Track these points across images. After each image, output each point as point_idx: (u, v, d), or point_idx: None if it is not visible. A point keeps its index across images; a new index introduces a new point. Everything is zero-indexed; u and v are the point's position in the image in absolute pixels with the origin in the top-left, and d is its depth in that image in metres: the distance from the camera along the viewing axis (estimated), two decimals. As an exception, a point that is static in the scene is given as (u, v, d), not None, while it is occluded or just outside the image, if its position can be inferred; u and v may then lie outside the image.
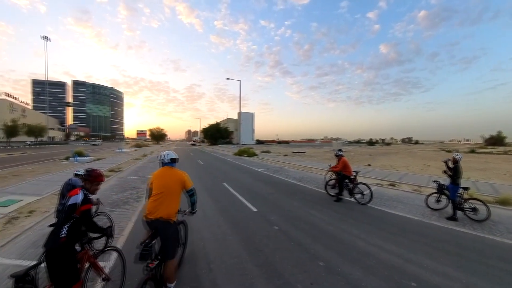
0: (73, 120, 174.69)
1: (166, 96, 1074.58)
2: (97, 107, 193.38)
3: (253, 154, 29.20)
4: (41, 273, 2.74)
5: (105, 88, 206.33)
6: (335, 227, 5.59)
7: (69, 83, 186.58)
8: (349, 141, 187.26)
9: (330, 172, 9.03)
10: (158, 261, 2.88)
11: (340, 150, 8.78)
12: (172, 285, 3.07)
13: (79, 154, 21.04)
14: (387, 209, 7.09)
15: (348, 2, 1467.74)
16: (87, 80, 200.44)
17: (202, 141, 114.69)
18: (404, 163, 21.57)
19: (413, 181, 11.71)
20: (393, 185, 10.65)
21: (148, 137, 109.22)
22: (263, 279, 3.48)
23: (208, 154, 34.10)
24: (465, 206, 6.28)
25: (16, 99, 79.38)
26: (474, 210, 6.07)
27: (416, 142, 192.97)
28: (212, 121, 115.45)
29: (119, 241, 4.74)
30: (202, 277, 3.53)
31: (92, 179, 2.85)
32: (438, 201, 7.08)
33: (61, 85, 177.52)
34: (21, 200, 7.50)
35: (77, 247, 2.66)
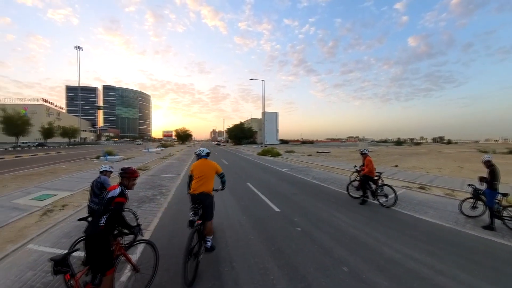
0: (104, 122, 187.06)
1: (191, 98, 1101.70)
2: (126, 109, 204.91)
3: (277, 154, 29.09)
4: (73, 260, 3.12)
5: (133, 91, 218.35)
6: (360, 231, 5.37)
7: (100, 88, 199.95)
8: (376, 141, 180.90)
9: (355, 173, 8.74)
10: (201, 221, 4.01)
11: (366, 149, 8.47)
12: (210, 237, 4.29)
13: (109, 153, 22.17)
14: (416, 214, 6.67)
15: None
16: (117, 85, 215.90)
17: (227, 141, 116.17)
18: (435, 165, 20.39)
19: (445, 184, 11.01)
20: (422, 188, 10.10)
21: (174, 137, 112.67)
22: (285, 280, 3.43)
23: (232, 153, 34.48)
24: (504, 214, 5.63)
25: (52, 104, 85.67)
26: None
27: (449, 142, 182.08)
28: (236, 121, 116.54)
29: (145, 236, 4.92)
30: (224, 275, 3.55)
31: (129, 175, 3.13)
32: (473, 207, 6.42)
33: (93, 90, 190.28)
34: (55, 195, 8.14)
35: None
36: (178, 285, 3.30)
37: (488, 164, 5.96)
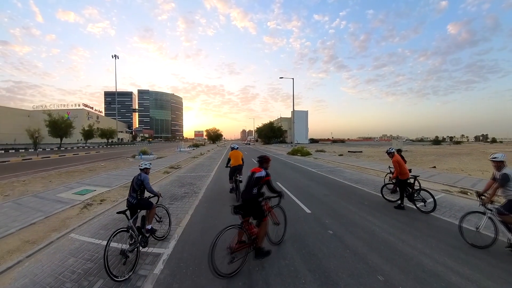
0: (139, 124, 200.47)
1: (221, 99, 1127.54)
2: (159, 111, 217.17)
3: (307, 154, 28.57)
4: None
5: (166, 94, 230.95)
6: (397, 238, 5.05)
7: (135, 92, 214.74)
8: (411, 140, 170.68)
9: (389, 175, 8.30)
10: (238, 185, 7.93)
11: (391, 147, 7.92)
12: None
13: (144, 152, 23.38)
14: (458, 221, 6.09)
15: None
16: (151, 89, 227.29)
17: (256, 141, 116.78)
18: (478, 166, 18.69)
19: (492, 189, 10.07)
20: (465, 193, 9.29)
21: (204, 137, 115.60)
22: (316, 285, 3.34)
23: (262, 153, 34.47)
24: None
25: (91, 108, 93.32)
26: None
27: (493, 141, 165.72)
28: (266, 120, 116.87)
29: (177, 232, 5.14)
30: (254, 274, 3.57)
31: (265, 161, 4.54)
32: None
33: (128, 94, 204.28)
34: (94, 190, 8.81)
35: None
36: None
37: None
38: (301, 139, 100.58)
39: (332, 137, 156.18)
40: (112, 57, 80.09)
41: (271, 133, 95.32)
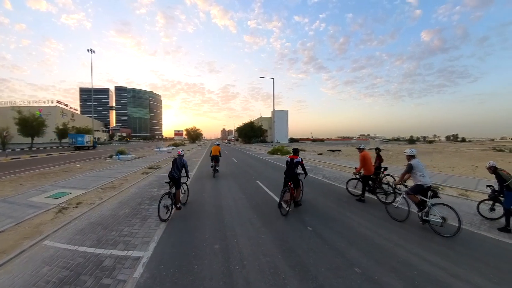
0: (116, 122, 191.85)
1: (201, 97, 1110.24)
2: (137, 110, 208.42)
3: (287, 153, 28.59)
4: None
5: (144, 92, 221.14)
6: (373, 231, 5.28)
7: (112, 89, 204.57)
8: (388, 139, 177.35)
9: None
10: (216, 167, 12.73)
11: (361, 145, 8.39)
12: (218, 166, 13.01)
13: (121, 152, 22.60)
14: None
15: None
16: (128, 86, 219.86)
17: (237, 140, 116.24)
18: (448, 164, 19.82)
19: (459, 184, 10.69)
20: (436, 188, 9.82)
21: (184, 136, 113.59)
22: (296, 280, 3.40)
23: (242, 152, 34.52)
24: None
25: (66, 105, 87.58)
26: None
27: (463, 140, 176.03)
28: (246, 120, 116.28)
29: (157, 233, 5.01)
30: (235, 273, 3.56)
31: (298, 151, 7.18)
32: (492, 209, 6.18)
33: (105, 91, 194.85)
34: (70, 193, 8.33)
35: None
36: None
37: (493, 170, 5.84)
38: (282, 139, 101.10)
39: (312, 137, 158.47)
40: (88, 51, 75.75)
41: (252, 132, 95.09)
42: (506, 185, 5.50)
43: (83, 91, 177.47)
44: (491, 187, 6.18)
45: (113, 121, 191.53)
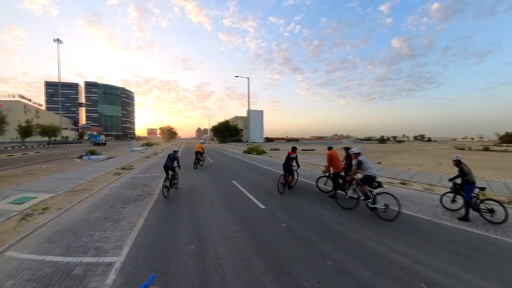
0: (86, 120, 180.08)
1: (176, 95, 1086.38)
2: (109, 107, 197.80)
3: (262, 152, 29.03)
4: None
5: (116, 88, 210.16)
6: (344, 226, 5.55)
7: (81, 84, 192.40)
8: (360, 139, 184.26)
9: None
10: (200, 163, 16.56)
11: (330, 143, 9.04)
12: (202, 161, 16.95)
13: (92, 152, 21.56)
14: (398, 208, 6.93)
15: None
16: (99, 81, 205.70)
17: (212, 139, 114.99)
18: (416, 161, 21.16)
19: (425, 179, 11.47)
20: (404, 184, 10.47)
21: (158, 135, 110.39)
22: (270, 276, 3.50)
23: (218, 152, 34.25)
24: (481, 207, 6.01)
25: (30, 100, 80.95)
26: (491, 211, 5.81)
27: (429, 140, 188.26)
28: (222, 119, 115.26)
29: (130, 237, 4.86)
30: (210, 272, 3.58)
31: (295, 149, 9.43)
32: (453, 201, 6.81)
33: (74, 86, 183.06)
34: (35, 198, 7.70)
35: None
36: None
37: (457, 163, 6.42)
38: (257, 138, 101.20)
39: (287, 136, 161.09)
40: (55, 41, 70.69)
41: (227, 131, 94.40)
42: (466, 179, 6.09)
43: (49, 85, 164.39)
44: (453, 181, 6.75)
45: (82, 119, 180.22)
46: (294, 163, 9.01)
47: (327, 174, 8.75)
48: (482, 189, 6.12)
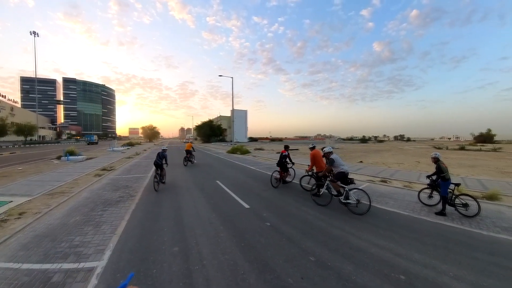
0: (64, 119, 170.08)
1: (158, 94, 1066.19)
2: (88, 105, 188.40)
3: (246, 152, 28.95)
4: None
5: (96, 85, 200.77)
6: (327, 223, 5.68)
7: (59, 80, 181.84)
8: (342, 139, 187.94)
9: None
10: (191, 160, 17.61)
11: (312, 143, 9.22)
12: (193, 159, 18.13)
13: (71, 153, 20.72)
14: (378, 205, 7.21)
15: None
16: (78, 78, 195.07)
17: (195, 139, 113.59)
18: (395, 160, 21.85)
19: (404, 177, 11.91)
20: (384, 182, 10.82)
21: (140, 135, 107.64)
22: (255, 274, 3.54)
23: (201, 151, 33.87)
24: (456, 202, 6.38)
25: (4, 97, 76.80)
26: (465, 206, 6.19)
27: (408, 140, 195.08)
28: (205, 118, 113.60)
29: (112, 240, 4.72)
30: (195, 273, 3.57)
31: (288, 147, 10.44)
32: (430, 197, 7.18)
33: (52, 82, 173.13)
34: (10, 202, 7.29)
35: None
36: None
37: (435, 160, 6.82)
38: (241, 138, 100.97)
39: (271, 136, 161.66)
40: (31, 34, 67.33)
41: (211, 131, 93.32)
42: (442, 176, 6.44)
43: (24, 81, 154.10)
44: (430, 178, 7.10)
45: (61, 117, 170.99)
46: (287, 160, 9.84)
47: (310, 173, 8.91)
48: (457, 185, 6.54)
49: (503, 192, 8.42)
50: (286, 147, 10.28)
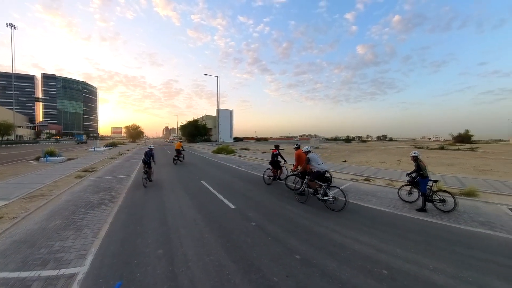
0: (44, 117, 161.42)
1: (142, 92, 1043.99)
2: (69, 103, 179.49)
3: (232, 152, 28.79)
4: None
5: (77, 82, 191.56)
6: (311, 221, 5.78)
7: (38, 76, 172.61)
8: (327, 138, 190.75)
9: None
10: (180, 159, 18.59)
11: (296, 143, 9.59)
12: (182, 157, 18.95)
13: (51, 153, 19.96)
14: (362, 202, 7.43)
15: (326, 2, 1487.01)
16: (58, 74, 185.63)
17: (180, 139, 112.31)
18: (378, 159, 22.45)
19: (387, 176, 12.27)
20: (368, 180, 11.09)
21: (123, 134, 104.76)
22: (240, 274, 3.56)
23: (186, 152, 33.16)
24: (434, 198, 6.71)
25: None
26: (443, 201, 6.54)
27: (391, 140, 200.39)
28: (190, 118, 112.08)
29: (94, 244, 4.58)
30: (179, 275, 3.54)
31: (278, 147, 10.76)
32: (409, 193, 7.51)
33: (30, 78, 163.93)
34: None
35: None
36: None
37: (414, 158, 7.09)
38: (226, 138, 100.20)
39: (256, 136, 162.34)
40: (7, 26, 64.30)
41: (196, 131, 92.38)
42: (421, 173, 6.73)
43: (1, 76, 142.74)
44: (410, 175, 7.37)
45: (40, 115, 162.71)
46: (280, 159, 10.37)
47: (295, 172, 9.00)
48: (435, 181, 6.85)
49: (480, 189, 8.85)
50: (277, 147, 10.68)
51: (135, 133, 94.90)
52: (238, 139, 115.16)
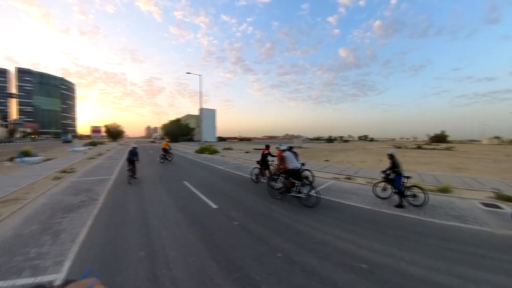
0: (19, 115, 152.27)
1: (123, 89, 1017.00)
2: (46, 99, 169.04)
3: (215, 152, 28.59)
4: None
5: (54, 78, 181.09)
6: (294, 220, 5.89)
7: (12, 70, 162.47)
8: (310, 138, 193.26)
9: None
10: (168, 158, 19.10)
11: (280, 144, 9.46)
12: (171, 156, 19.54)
13: (26, 153, 19.03)
14: (343, 200, 7.66)
15: (309, 5, 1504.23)
16: (34, 68, 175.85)
17: (162, 138, 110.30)
18: (359, 159, 23.11)
19: (367, 174, 12.66)
20: (349, 179, 11.40)
21: (103, 134, 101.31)
22: (222, 274, 3.59)
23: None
24: (407, 193, 7.07)
25: None
26: (414, 196, 6.94)
27: (371, 140, 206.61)
28: (173, 117, 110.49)
29: (72, 250, 4.41)
30: (161, 277, 3.52)
31: (268, 147, 11.18)
32: (384, 189, 7.93)
33: (2, 72, 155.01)
34: None
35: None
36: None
37: (391, 156, 7.50)
38: (209, 137, 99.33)
39: (239, 136, 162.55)
40: None
41: (178, 130, 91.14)
42: (396, 171, 7.09)
43: None
44: (385, 173, 7.75)
45: (14, 113, 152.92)
46: (269, 158, 10.76)
47: (278, 172, 9.11)
48: (408, 177, 7.22)
49: (454, 186, 9.39)
50: (267, 147, 11.15)
51: (115, 133, 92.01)
52: (221, 139, 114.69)
